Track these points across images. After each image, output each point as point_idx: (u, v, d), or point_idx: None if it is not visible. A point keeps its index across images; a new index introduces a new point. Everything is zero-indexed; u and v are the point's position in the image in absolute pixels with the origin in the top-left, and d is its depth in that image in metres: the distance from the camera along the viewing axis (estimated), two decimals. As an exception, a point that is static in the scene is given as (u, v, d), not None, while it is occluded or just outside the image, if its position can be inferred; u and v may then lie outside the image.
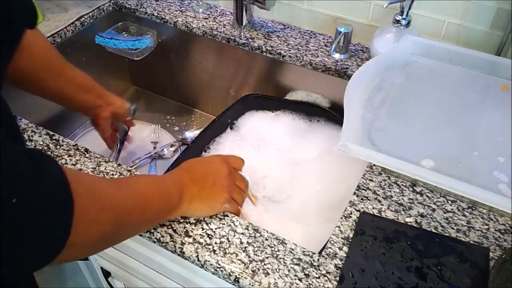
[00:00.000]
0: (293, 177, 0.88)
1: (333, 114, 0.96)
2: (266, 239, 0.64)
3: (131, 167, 0.76)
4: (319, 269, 0.60)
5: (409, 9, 0.87)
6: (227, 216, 0.67)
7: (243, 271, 0.60)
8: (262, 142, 0.95)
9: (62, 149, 0.76)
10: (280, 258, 0.61)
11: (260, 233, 0.65)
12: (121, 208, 0.49)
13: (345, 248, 0.62)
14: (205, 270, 0.63)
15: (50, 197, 0.37)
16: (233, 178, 0.67)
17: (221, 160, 0.67)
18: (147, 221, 0.58)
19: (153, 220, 0.59)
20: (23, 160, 0.36)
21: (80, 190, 0.40)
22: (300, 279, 0.59)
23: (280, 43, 1.02)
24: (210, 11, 1.14)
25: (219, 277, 0.63)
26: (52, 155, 0.75)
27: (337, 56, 0.98)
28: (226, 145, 0.95)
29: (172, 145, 1.06)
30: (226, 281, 0.62)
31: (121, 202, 0.49)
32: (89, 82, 0.83)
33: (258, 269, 0.60)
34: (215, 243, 0.63)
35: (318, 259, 0.61)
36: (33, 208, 0.36)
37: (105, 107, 0.85)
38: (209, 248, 0.63)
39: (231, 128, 0.98)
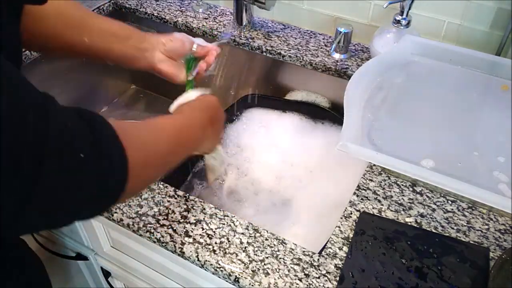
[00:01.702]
0: (293, 176, 0.88)
1: (333, 114, 0.96)
2: (266, 239, 0.64)
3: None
4: (319, 269, 0.60)
5: (409, 9, 0.87)
6: (227, 216, 0.67)
7: (243, 271, 0.60)
8: (261, 142, 0.95)
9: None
10: (280, 258, 0.61)
11: (260, 233, 0.65)
12: (160, 154, 0.52)
13: (345, 248, 0.62)
14: (205, 270, 0.63)
15: (108, 153, 0.41)
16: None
17: (219, 104, 0.70)
18: (178, 159, 0.60)
19: (182, 157, 0.62)
20: (80, 122, 0.40)
21: (129, 142, 0.43)
22: (300, 279, 0.59)
23: (280, 43, 1.02)
24: (210, 11, 1.14)
25: (219, 277, 0.63)
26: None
27: (337, 56, 0.98)
28: (226, 145, 0.95)
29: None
30: (226, 281, 0.62)
31: (161, 149, 0.52)
32: (127, 29, 0.72)
33: (258, 269, 0.60)
34: (215, 243, 0.63)
35: (318, 259, 0.61)
36: (97, 163, 0.39)
37: (153, 51, 0.73)
38: (209, 248, 0.63)
39: (231, 128, 0.98)
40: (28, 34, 0.61)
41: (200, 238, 0.64)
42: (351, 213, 0.67)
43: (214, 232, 0.65)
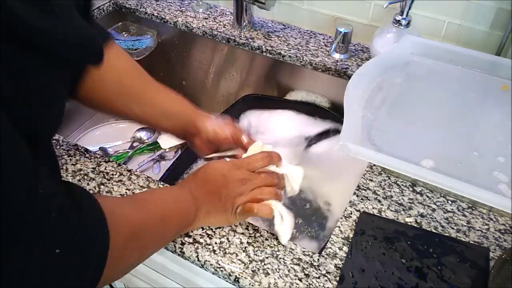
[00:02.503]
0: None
1: (333, 114, 0.96)
2: (266, 239, 0.64)
3: (136, 169, 0.76)
4: (319, 269, 0.60)
5: (409, 9, 0.87)
6: (227, 216, 0.67)
7: (243, 271, 0.60)
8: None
9: (62, 149, 0.76)
10: (280, 258, 0.61)
11: (260, 233, 0.65)
12: (146, 231, 0.52)
13: (345, 248, 0.62)
14: (205, 270, 0.63)
15: (89, 242, 0.40)
16: (249, 182, 0.61)
17: (232, 168, 0.62)
18: (167, 240, 0.61)
19: (172, 237, 0.61)
20: (68, 209, 0.38)
21: (114, 225, 0.42)
22: (300, 279, 0.59)
23: (280, 43, 1.02)
24: (210, 11, 1.14)
25: (219, 277, 0.63)
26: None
27: (337, 56, 0.98)
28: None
29: (172, 146, 1.06)
30: (226, 281, 0.62)
31: (144, 228, 0.51)
32: (179, 107, 0.72)
33: (258, 269, 0.60)
34: (215, 243, 0.63)
35: (318, 259, 0.61)
36: (73, 255, 0.38)
37: (197, 135, 0.72)
38: (209, 248, 0.63)
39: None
40: (85, 93, 0.62)
41: (200, 238, 0.64)
42: (351, 213, 0.67)
43: (214, 232, 0.65)
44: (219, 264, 0.61)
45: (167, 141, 1.06)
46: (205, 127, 0.71)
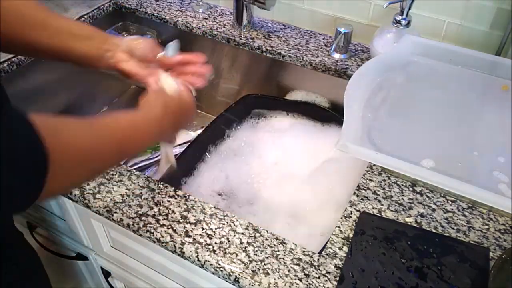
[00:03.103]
0: (292, 176, 0.88)
1: (333, 114, 0.96)
2: (266, 239, 0.64)
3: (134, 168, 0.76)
4: (319, 269, 0.60)
5: (409, 9, 0.87)
6: (227, 216, 0.67)
7: (243, 271, 0.60)
8: (261, 142, 0.95)
9: (62, 149, 0.76)
10: (280, 258, 0.61)
11: (260, 233, 0.65)
12: (98, 158, 0.50)
13: (345, 248, 0.62)
14: (205, 270, 0.63)
15: (23, 156, 0.39)
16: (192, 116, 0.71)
17: (191, 99, 0.69)
18: (122, 159, 0.60)
19: (127, 157, 0.61)
20: None
21: (55, 147, 0.41)
22: (300, 279, 0.59)
23: (280, 43, 1.02)
24: (210, 11, 1.14)
25: (219, 277, 0.63)
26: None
27: (337, 56, 0.98)
28: (226, 145, 0.95)
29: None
30: (226, 281, 0.62)
31: (99, 153, 0.50)
32: (87, 29, 0.70)
33: (258, 269, 0.60)
34: (215, 243, 0.63)
35: (318, 259, 0.61)
36: (7, 164, 0.37)
37: (116, 51, 0.71)
38: (209, 248, 0.63)
39: (231, 128, 0.98)
40: None
41: (200, 238, 0.64)
42: (351, 213, 0.67)
43: (214, 232, 0.65)
44: (219, 264, 0.61)
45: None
46: (121, 39, 0.71)
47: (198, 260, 0.62)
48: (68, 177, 0.46)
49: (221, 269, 0.61)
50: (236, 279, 0.60)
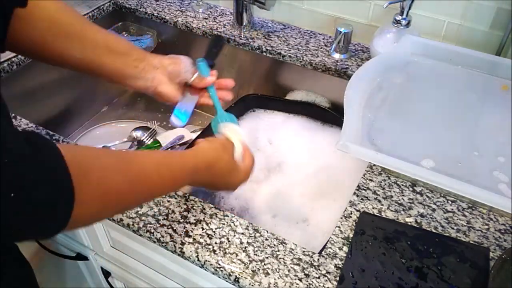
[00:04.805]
0: (293, 176, 0.88)
1: (333, 114, 0.96)
2: (266, 239, 0.64)
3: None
4: (319, 269, 0.60)
5: (409, 9, 0.87)
6: (227, 216, 0.67)
7: (243, 271, 0.60)
8: (262, 142, 0.95)
9: (62, 149, 0.76)
10: (280, 258, 0.61)
11: (260, 233, 0.65)
12: (127, 201, 0.48)
13: (345, 248, 0.62)
14: (205, 270, 0.63)
15: (49, 188, 0.37)
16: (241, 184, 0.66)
17: (245, 177, 0.65)
18: (150, 199, 0.57)
19: (156, 197, 0.58)
20: (22, 143, 0.36)
21: (82, 188, 0.39)
22: (300, 279, 0.59)
23: (280, 43, 1.02)
24: (210, 11, 1.14)
25: (219, 277, 0.63)
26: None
27: (337, 56, 0.98)
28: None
29: (172, 146, 1.06)
30: (226, 281, 0.62)
31: (128, 197, 0.47)
32: (124, 45, 0.66)
33: (258, 269, 0.60)
34: (215, 243, 0.63)
35: (318, 259, 0.61)
36: (31, 199, 0.36)
37: (154, 72, 0.67)
38: (209, 248, 0.63)
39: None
40: (15, 38, 0.57)
41: (200, 238, 0.64)
42: (351, 213, 0.67)
43: (214, 232, 0.65)
44: (219, 264, 0.61)
45: (167, 138, 1.06)
46: (160, 60, 0.68)
47: (198, 260, 0.62)
48: (93, 216, 0.44)
49: (221, 269, 0.61)
50: (236, 279, 0.60)
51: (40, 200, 0.36)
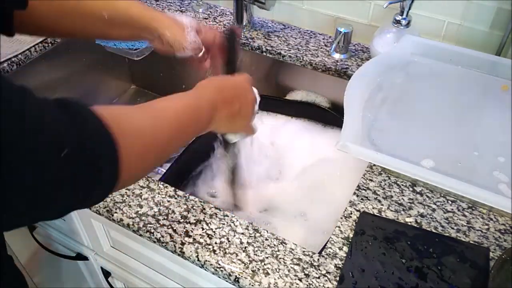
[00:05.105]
0: (292, 176, 0.88)
1: (333, 114, 0.96)
2: (266, 239, 0.64)
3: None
4: (319, 269, 0.60)
5: (409, 9, 0.86)
6: (227, 216, 0.67)
7: (243, 271, 0.60)
8: (261, 142, 0.95)
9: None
10: (280, 258, 0.61)
11: (260, 233, 0.65)
12: (161, 141, 0.49)
13: (345, 248, 0.62)
14: (205, 270, 0.63)
15: (95, 147, 0.38)
16: (255, 105, 0.67)
17: (248, 85, 0.67)
18: (182, 144, 0.59)
19: (186, 141, 0.60)
20: (60, 114, 0.37)
21: (121, 133, 0.41)
22: (300, 279, 0.59)
23: (280, 43, 1.02)
24: (210, 11, 1.14)
25: (219, 277, 0.63)
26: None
27: (337, 56, 0.98)
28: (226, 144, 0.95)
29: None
30: (226, 281, 0.62)
31: (160, 137, 0.49)
32: (123, 13, 0.65)
33: (258, 269, 0.60)
34: (215, 243, 0.63)
35: (318, 259, 0.61)
36: (83, 159, 0.37)
37: (163, 32, 0.67)
38: (209, 248, 0.63)
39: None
40: (20, 20, 0.57)
41: (200, 238, 0.64)
42: (351, 213, 0.67)
43: (214, 232, 0.65)
44: (219, 264, 0.61)
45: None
46: (166, 22, 0.67)
47: (198, 260, 0.62)
48: (138, 163, 0.45)
49: (221, 269, 0.61)
50: (236, 279, 0.60)
51: (90, 161, 0.37)
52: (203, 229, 0.65)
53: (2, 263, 0.57)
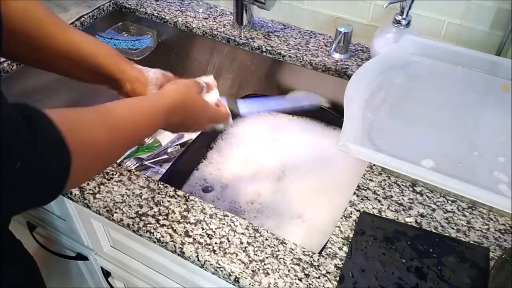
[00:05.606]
0: (292, 176, 0.88)
1: (333, 114, 0.96)
2: (266, 239, 0.64)
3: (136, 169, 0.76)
4: (319, 269, 0.60)
5: (409, 9, 0.87)
6: (227, 216, 0.67)
7: (243, 271, 0.60)
8: (261, 142, 0.95)
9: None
10: (280, 258, 0.61)
11: (260, 233, 0.65)
12: (113, 153, 0.52)
13: (345, 248, 0.62)
14: (205, 270, 0.63)
15: (49, 158, 0.40)
16: (205, 109, 0.68)
17: (195, 94, 0.67)
18: (131, 145, 0.59)
19: (135, 142, 0.60)
20: (20, 123, 0.38)
21: (75, 146, 0.42)
22: (300, 279, 0.59)
23: (280, 43, 1.02)
24: (210, 11, 1.14)
25: (219, 277, 0.63)
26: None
27: (337, 56, 0.98)
28: (227, 144, 0.95)
29: (172, 146, 1.06)
30: (226, 281, 0.62)
31: (114, 149, 0.51)
32: (91, 60, 0.66)
33: (258, 269, 0.60)
34: (215, 243, 0.63)
35: (318, 259, 0.61)
36: (34, 170, 0.38)
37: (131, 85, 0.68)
38: (209, 248, 0.63)
39: (231, 127, 0.98)
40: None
41: (200, 238, 0.64)
42: (351, 213, 0.67)
43: (214, 232, 0.65)
44: (219, 264, 0.61)
45: (167, 137, 1.06)
46: (130, 73, 0.69)
47: (198, 260, 0.62)
48: (87, 170, 0.47)
49: (221, 269, 0.61)
50: (236, 279, 0.60)
51: (41, 164, 0.39)
52: (203, 229, 0.65)
53: (11, 248, 0.58)
